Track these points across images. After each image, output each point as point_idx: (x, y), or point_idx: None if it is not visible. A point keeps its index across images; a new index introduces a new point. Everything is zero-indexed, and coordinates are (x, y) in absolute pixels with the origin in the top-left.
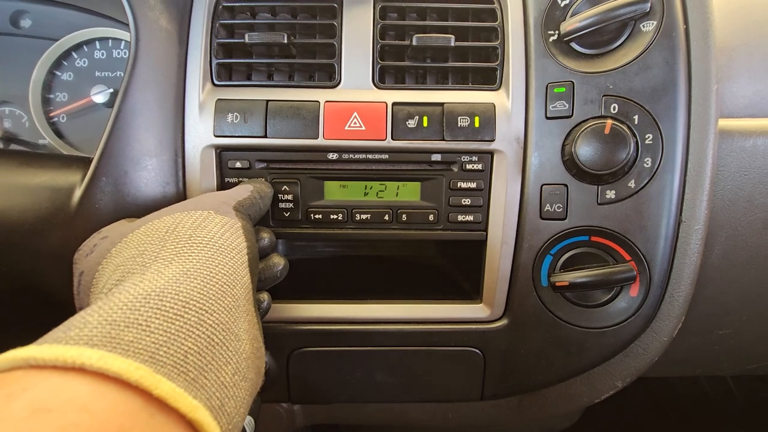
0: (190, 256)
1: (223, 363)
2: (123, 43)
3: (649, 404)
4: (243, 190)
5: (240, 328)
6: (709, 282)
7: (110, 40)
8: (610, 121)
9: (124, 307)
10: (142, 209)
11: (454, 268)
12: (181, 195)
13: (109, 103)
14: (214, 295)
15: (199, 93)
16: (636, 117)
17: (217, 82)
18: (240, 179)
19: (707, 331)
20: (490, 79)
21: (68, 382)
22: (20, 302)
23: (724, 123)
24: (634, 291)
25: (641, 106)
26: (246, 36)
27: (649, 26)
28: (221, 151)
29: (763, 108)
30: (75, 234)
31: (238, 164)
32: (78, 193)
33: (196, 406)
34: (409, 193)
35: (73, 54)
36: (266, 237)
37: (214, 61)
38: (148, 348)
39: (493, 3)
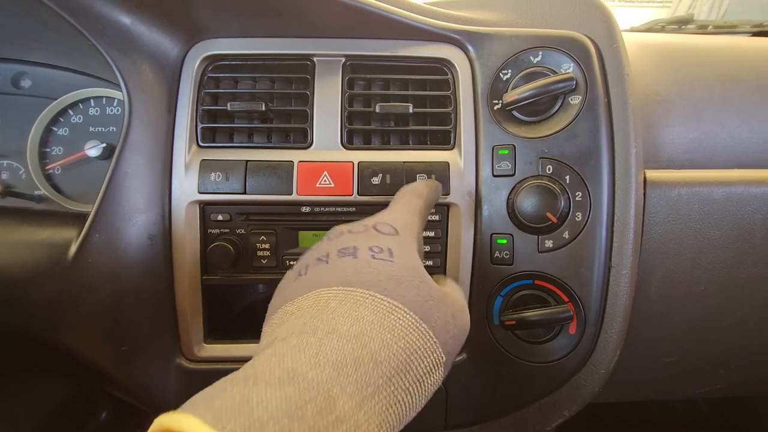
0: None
1: None
2: (116, 101)
3: (625, 428)
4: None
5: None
6: (650, 315)
7: (104, 99)
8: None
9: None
10: (131, 261)
11: None
12: (167, 247)
13: (102, 157)
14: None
15: (185, 154)
16: (567, 177)
17: (201, 144)
18: (221, 230)
19: (654, 359)
20: (445, 140)
21: None
22: (19, 347)
23: (653, 175)
24: (572, 329)
25: (571, 167)
26: (228, 104)
27: (576, 100)
28: (204, 205)
29: (699, 153)
30: (70, 285)
31: (220, 217)
32: (73, 249)
33: None
34: None
35: (69, 111)
36: None
37: (200, 126)
38: None
39: (447, 74)
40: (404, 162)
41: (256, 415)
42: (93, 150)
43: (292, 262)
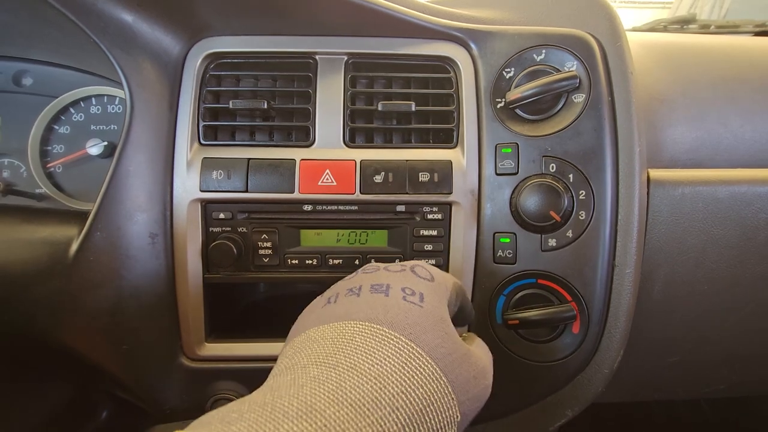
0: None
1: None
2: (117, 99)
3: (628, 429)
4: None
5: None
6: (653, 315)
7: (105, 97)
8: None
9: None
10: (132, 260)
11: None
12: (169, 245)
13: (103, 155)
14: None
15: (187, 152)
16: (571, 176)
17: (203, 142)
18: (223, 228)
19: (658, 358)
20: (447, 138)
21: None
22: (20, 346)
23: (656, 174)
24: (576, 328)
25: (575, 166)
26: (230, 102)
27: (579, 98)
28: (206, 204)
29: (702, 152)
30: (71, 283)
31: (222, 215)
32: (75, 247)
33: None
34: (377, 239)
35: (71, 109)
36: None
37: (201, 124)
38: None
39: (449, 72)
40: (407, 160)
41: None
42: (94, 148)
43: (294, 261)
